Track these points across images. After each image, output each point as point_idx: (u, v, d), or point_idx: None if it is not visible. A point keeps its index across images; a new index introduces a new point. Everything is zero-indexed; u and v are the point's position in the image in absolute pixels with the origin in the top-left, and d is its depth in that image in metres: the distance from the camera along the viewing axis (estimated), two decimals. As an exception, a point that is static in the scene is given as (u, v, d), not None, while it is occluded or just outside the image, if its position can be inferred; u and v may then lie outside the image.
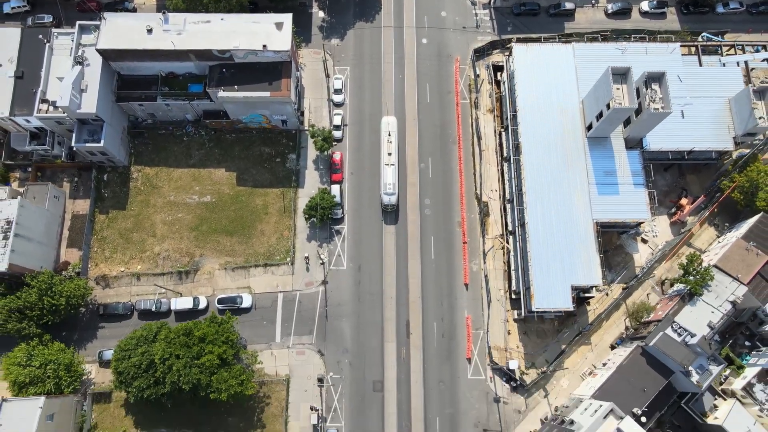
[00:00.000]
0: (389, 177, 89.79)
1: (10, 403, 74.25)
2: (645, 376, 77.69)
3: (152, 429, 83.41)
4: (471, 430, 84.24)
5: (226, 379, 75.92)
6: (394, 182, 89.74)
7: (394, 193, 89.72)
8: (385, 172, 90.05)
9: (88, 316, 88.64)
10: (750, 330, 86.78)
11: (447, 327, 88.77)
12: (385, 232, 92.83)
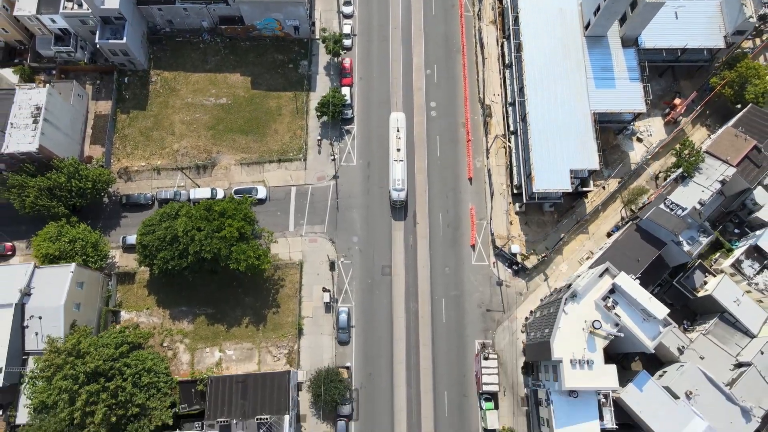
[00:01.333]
0: (398, 173, 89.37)
1: (42, 270, 78.91)
2: (639, 248, 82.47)
3: (173, 307, 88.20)
4: (475, 310, 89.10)
5: (244, 250, 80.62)
6: (403, 178, 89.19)
7: (403, 189, 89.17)
8: (394, 168, 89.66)
9: (111, 206, 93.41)
10: (739, 218, 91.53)
11: (452, 218, 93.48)
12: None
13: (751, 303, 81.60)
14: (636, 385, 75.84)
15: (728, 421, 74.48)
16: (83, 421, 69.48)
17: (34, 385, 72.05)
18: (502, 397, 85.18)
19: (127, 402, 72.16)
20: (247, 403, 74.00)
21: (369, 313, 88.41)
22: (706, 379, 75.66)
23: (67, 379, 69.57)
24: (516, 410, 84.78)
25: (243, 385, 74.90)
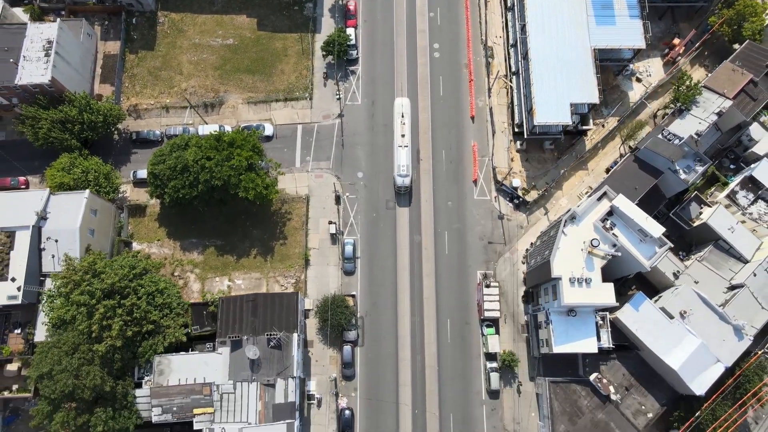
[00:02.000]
0: (402, 159, 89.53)
1: (57, 196, 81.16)
2: (636, 178, 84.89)
3: (184, 239, 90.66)
4: (477, 243, 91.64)
5: (253, 179, 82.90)
6: (408, 164, 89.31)
7: (408, 175, 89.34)
8: (399, 154, 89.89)
9: (121, 143, 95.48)
10: (735, 154, 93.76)
11: (454, 154, 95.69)
12: (396, 73, 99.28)
13: (745, 231, 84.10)
14: (632, 306, 78.63)
15: (721, 339, 77.30)
16: (100, 335, 72.19)
17: (52, 302, 74.63)
18: (503, 324, 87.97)
19: (141, 319, 74.80)
20: (257, 321, 76.73)
21: (374, 245, 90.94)
22: (699, 299, 78.38)
23: (83, 295, 72.15)
24: (516, 336, 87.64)
25: (253, 304, 77.55)
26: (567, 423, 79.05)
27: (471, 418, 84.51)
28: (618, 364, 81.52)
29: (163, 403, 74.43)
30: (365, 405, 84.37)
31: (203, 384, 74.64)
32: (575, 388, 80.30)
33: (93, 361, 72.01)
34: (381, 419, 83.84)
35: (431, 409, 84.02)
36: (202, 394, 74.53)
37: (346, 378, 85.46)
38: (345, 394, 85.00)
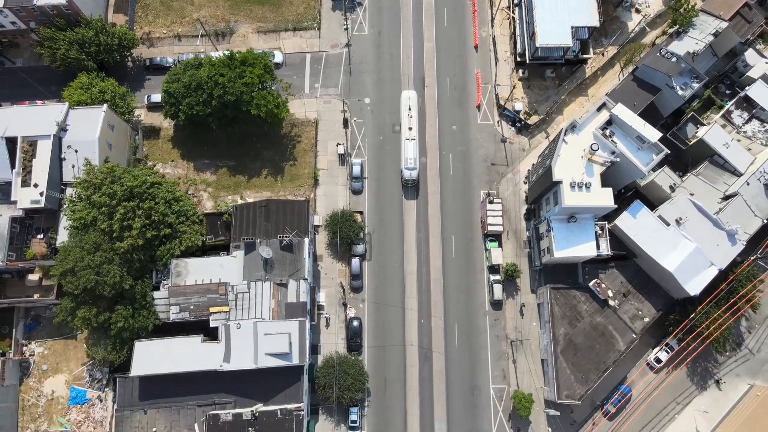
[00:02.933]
0: (410, 152, 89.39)
1: (76, 110, 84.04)
2: (635, 95, 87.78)
3: (197, 160, 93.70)
4: (480, 164, 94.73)
5: (264, 96, 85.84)
6: (415, 157, 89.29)
7: (415, 168, 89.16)
8: (406, 147, 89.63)
9: (135, 70, 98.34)
10: (731, 80, 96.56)
11: (458, 81, 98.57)
12: (401, 4, 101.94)
13: (740, 147, 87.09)
14: (630, 213, 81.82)
15: (715, 244, 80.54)
16: (121, 235, 75.35)
17: (74, 206, 77.66)
18: (506, 240, 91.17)
19: (159, 223, 77.91)
20: (270, 225, 79.89)
21: (380, 166, 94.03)
22: (694, 207, 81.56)
23: (104, 197, 75.20)
24: (518, 252, 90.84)
25: (266, 209, 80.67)
26: (567, 326, 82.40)
27: (475, 327, 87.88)
28: (616, 273, 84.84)
29: (180, 302, 77.70)
30: (373, 314, 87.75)
31: (219, 283, 77.88)
32: (575, 294, 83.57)
33: (113, 260, 75.22)
34: (388, 328, 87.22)
35: (437, 315, 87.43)
36: (218, 293, 77.76)
37: (355, 290, 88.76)
38: (353, 305, 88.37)
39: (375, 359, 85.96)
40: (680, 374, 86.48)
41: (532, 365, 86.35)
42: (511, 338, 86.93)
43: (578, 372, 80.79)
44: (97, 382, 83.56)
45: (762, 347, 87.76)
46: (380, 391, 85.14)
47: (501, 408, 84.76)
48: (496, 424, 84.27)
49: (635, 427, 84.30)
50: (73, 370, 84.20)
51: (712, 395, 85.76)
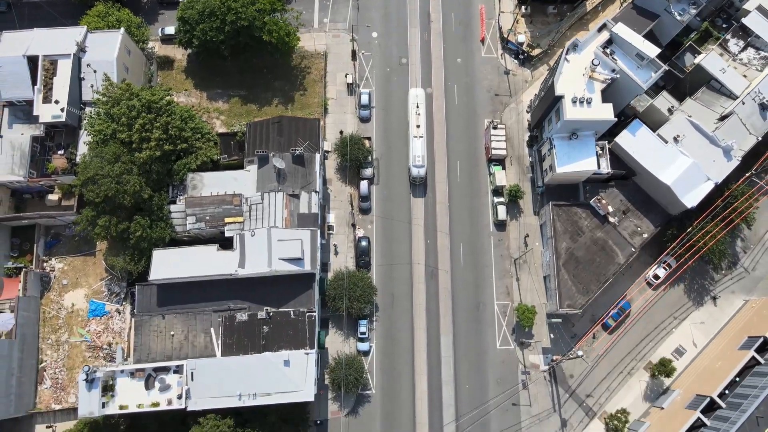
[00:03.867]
0: (418, 150, 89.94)
1: (94, 34, 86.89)
2: (634, 22, 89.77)
3: (209, 90, 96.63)
4: (484, 95, 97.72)
5: (276, 21, 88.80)
6: (423, 155, 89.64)
7: (423, 166, 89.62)
8: (414, 145, 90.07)
9: (148, 5, 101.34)
10: (727, 14, 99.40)
11: (463, 16, 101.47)
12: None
13: (736, 73, 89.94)
14: (630, 131, 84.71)
15: (711, 160, 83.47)
16: (140, 146, 78.31)
17: (93, 121, 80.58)
18: (509, 165, 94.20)
19: (176, 138, 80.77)
20: (283, 139, 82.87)
21: (387, 95, 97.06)
22: (691, 126, 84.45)
23: (123, 109, 78.11)
24: (521, 176, 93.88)
25: (279, 125, 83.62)
26: (569, 241, 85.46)
27: (479, 247, 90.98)
28: (616, 192, 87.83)
29: (196, 212, 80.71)
30: (381, 234, 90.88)
31: (233, 194, 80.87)
32: (576, 211, 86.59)
33: (132, 170, 78.18)
34: (395, 247, 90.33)
35: (443, 236, 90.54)
36: (233, 204, 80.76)
37: (363, 212, 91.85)
38: (362, 226, 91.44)
39: (383, 276, 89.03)
40: (678, 291, 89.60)
41: (534, 283, 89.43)
42: (515, 257, 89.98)
43: (579, 283, 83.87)
44: (116, 295, 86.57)
45: (757, 266, 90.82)
46: (388, 307, 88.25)
47: (505, 322, 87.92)
48: (500, 337, 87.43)
49: (634, 340, 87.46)
50: (92, 285, 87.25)
51: (708, 311, 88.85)
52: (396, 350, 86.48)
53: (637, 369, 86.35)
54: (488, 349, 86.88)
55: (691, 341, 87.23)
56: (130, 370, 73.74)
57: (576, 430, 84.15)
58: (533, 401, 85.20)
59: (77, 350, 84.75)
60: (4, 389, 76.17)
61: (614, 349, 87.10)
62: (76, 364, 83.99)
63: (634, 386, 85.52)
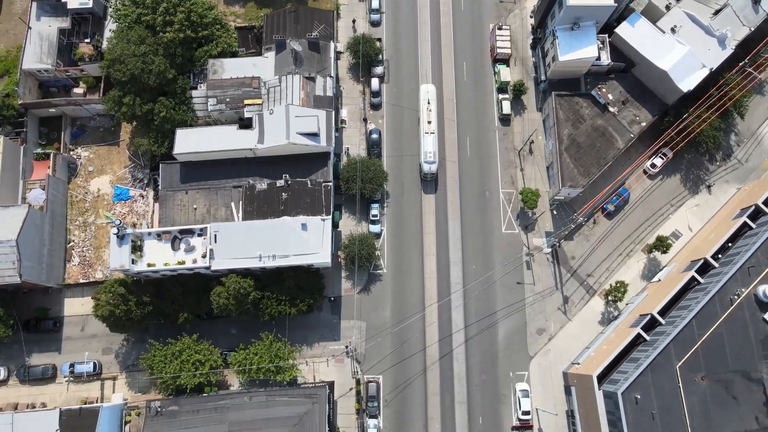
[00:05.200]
0: (429, 145, 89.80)
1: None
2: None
3: None
4: (488, 1, 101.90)
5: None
6: (435, 151, 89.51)
7: (434, 162, 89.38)
8: (426, 141, 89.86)
9: None
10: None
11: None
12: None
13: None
14: (629, 22, 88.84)
15: (706, 49, 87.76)
16: (164, 29, 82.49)
17: (118, 7, 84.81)
18: (513, 66, 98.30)
19: (198, 25, 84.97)
20: (299, 26, 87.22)
21: (397, 1, 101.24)
22: (688, 17, 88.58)
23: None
24: (525, 76, 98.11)
25: (295, 14, 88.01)
26: (570, 128, 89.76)
27: (485, 141, 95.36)
28: (615, 83, 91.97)
29: (217, 95, 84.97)
30: (391, 127, 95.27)
31: (252, 77, 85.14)
32: (578, 100, 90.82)
33: (157, 51, 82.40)
34: (405, 139, 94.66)
35: (450, 129, 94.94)
36: (251, 86, 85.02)
37: (374, 107, 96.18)
38: (373, 121, 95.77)
39: (393, 167, 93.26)
40: (674, 181, 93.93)
41: (537, 173, 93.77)
42: (519, 148, 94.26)
43: (581, 167, 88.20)
44: (139, 181, 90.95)
45: (750, 157, 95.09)
46: (398, 194, 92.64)
47: (510, 209, 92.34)
48: (505, 222, 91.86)
49: (633, 225, 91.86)
50: (117, 172, 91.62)
51: (703, 198, 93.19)
52: (406, 233, 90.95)
53: (635, 251, 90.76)
54: (494, 232, 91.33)
55: (686, 225, 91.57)
56: (157, 233, 78.16)
57: (577, 306, 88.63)
58: (537, 280, 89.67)
59: (103, 231, 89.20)
60: (37, 257, 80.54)
61: (614, 233, 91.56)
62: (102, 244, 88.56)
63: (632, 266, 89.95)
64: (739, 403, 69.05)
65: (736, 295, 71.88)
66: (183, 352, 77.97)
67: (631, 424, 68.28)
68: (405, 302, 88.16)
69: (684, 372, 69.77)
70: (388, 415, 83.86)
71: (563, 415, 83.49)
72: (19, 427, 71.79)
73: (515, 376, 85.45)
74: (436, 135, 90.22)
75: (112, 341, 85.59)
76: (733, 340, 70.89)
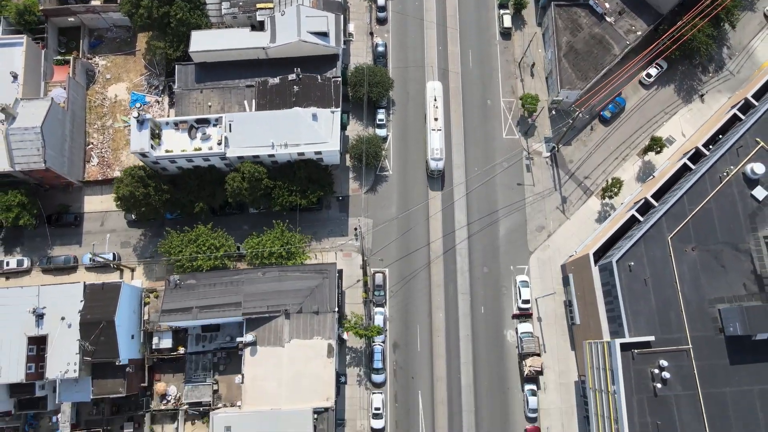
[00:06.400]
0: (436, 142, 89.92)
1: None
2: None
3: None
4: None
5: None
6: (441, 147, 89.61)
7: (441, 159, 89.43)
8: (432, 138, 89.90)
9: None
10: None
11: None
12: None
13: None
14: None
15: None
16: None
17: None
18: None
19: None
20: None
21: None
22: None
23: None
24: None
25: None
26: (569, 35, 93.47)
27: (487, 54, 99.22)
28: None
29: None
30: (396, 41, 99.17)
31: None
32: (576, 10, 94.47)
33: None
34: (410, 53, 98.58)
35: (453, 43, 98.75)
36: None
37: (380, 22, 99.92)
38: (379, 35, 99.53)
39: (398, 77, 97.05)
40: (669, 91, 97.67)
41: (537, 83, 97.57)
42: (519, 60, 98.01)
43: (578, 71, 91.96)
44: (155, 88, 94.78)
45: (741, 69, 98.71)
46: (403, 102, 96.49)
47: (510, 116, 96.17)
48: (506, 128, 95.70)
49: (628, 132, 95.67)
50: (133, 80, 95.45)
51: (696, 107, 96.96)
52: (411, 136, 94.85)
53: (630, 155, 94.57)
54: (495, 137, 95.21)
55: (680, 132, 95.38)
56: (174, 122, 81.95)
57: (575, 206, 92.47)
58: (536, 182, 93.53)
59: (120, 134, 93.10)
60: (59, 149, 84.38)
61: (610, 138, 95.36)
62: (120, 146, 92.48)
63: (628, 169, 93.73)
64: (727, 272, 72.85)
65: (725, 173, 75.61)
66: (199, 238, 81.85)
67: (625, 289, 72.14)
68: (410, 202, 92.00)
69: (675, 243, 73.60)
70: (394, 305, 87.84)
71: (561, 305, 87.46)
72: (45, 299, 75.55)
73: (515, 270, 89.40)
74: (443, 132, 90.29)
75: (130, 236, 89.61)
76: (722, 215, 74.66)
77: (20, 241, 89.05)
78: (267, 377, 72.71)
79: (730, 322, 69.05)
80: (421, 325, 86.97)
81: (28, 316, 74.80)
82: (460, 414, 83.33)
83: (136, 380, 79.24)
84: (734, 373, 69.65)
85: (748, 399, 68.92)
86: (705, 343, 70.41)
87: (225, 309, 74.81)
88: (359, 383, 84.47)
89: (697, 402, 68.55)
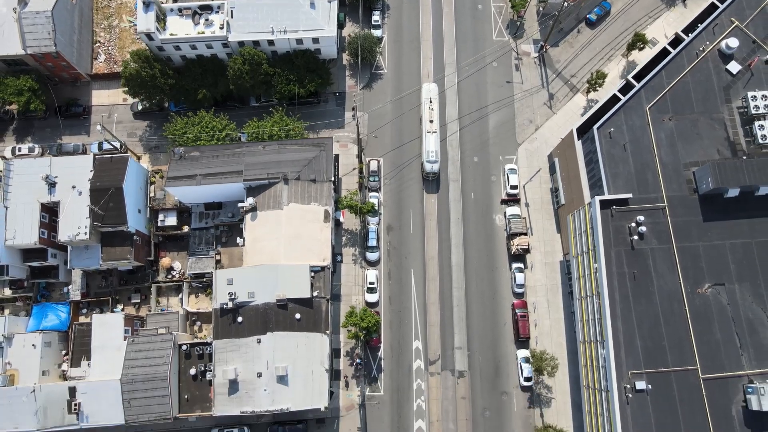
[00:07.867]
0: (431, 145, 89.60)
1: None
2: None
3: None
4: None
5: None
6: (437, 150, 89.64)
7: (436, 161, 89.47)
8: (428, 140, 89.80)
9: None
10: None
11: None
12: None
13: None
14: None
15: None
16: None
17: None
18: None
19: None
20: None
21: None
22: None
23: None
24: None
25: None
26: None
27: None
28: None
29: None
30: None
31: None
32: None
33: None
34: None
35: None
36: None
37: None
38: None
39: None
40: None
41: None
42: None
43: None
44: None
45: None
46: (398, 5, 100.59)
47: (500, 19, 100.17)
48: (496, 31, 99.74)
49: (613, 34, 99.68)
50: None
51: (679, 10, 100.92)
52: (405, 37, 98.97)
53: (615, 55, 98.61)
54: (486, 40, 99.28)
55: (663, 34, 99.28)
56: (179, 8, 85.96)
57: (562, 102, 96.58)
58: (525, 80, 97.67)
59: (126, 33, 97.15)
60: (68, 36, 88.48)
61: (596, 40, 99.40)
62: (126, 45, 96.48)
63: (612, 68, 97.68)
64: (702, 138, 76.99)
65: (701, 49, 79.70)
66: (202, 120, 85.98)
67: (605, 153, 76.29)
68: (404, 99, 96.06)
69: (653, 113, 77.70)
70: (388, 192, 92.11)
71: (548, 192, 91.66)
72: (57, 169, 79.73)
73: (504, 160, 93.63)
74: (438, 134, 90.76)
75: (136, 126, 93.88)
76: (698, 87, 78.76)
77: (31, 131, 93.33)
78: (267, 237, 76.85)
79: (703, 179, 73.23)
80: (414, 210, 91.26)
81: (41, 184, 78.92)
82: (451, 290, 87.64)
83: (142, 252, 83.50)
84: (707, 229, 73.86)
85: (720, 251, 73.17)
86: (680, 201, 74.63)
87: (227, 176, 78.90)
88: (354, 262, 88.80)
89: (671, 254, 72.79)
